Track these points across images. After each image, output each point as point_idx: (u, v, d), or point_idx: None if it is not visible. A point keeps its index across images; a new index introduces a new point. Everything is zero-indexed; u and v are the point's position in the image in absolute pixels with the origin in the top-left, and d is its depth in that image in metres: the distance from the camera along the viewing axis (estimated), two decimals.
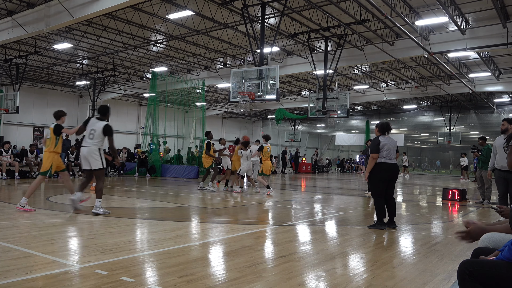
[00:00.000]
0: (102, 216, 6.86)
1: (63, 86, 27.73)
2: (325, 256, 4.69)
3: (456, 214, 9.18)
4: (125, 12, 14.76)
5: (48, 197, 9.40)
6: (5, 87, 24.72)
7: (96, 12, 12.14)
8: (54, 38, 17.59)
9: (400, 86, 26.81)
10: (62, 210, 7.71)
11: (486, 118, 33.67)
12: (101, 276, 3.57)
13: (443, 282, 3.77)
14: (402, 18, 12.84)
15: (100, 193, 7.15)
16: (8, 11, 14.30)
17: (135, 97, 31.94)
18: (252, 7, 13.69)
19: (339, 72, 22.06)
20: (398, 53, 17.10)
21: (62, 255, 4.30)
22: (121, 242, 5.07)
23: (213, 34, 16.85)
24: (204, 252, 4.81)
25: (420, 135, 41.44)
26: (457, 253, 4.97)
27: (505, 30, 14.25)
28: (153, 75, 20.48)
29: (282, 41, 17.93)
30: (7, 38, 14.87)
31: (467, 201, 11.32)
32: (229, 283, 3.57)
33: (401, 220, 7.50)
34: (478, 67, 21.60)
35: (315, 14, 14.60)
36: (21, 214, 6.90)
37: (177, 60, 21.43)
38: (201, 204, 9.47)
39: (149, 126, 19.63)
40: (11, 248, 4.46)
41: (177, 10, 13.89)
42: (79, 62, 21.97)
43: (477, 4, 13.79)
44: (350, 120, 39.07)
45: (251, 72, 12.75)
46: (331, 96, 16.89)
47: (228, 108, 36.31)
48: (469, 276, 2.13)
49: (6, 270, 3.66)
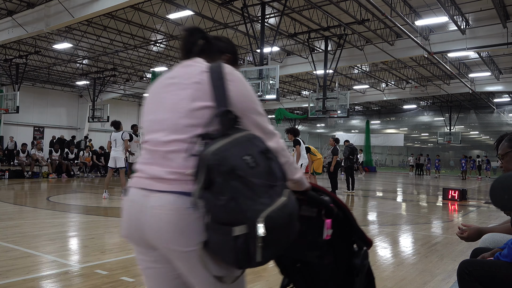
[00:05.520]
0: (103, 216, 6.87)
1: (63, 86, 27.72)
2: None
3: (456, 214, 9.18)
4: (125, 12, 14.75)
5: (48, 197, 9.40)
6: (5, 87, 24.70)
7: (96, 12, 12.14)
8: (54, 38, 17.58)
9: (400, 86, 26.80)
10: (62, 210, 7.71)
11: (486, 118, 33.69)
12: (101, 276, 3.57)
13: (443, 282, 3.77)
14: (402, 18, 12.83)
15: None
16: (8, 11, 14.29)
17: (135, 97, 31.92)
18: (252, 7, 13.68)
19: (339, 72, 22.05)
20: (398, 53, 17.09)
21: (62, 255, 4.30)
22: (121, 242, 5.07)
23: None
24: None
25: (420, 135, 41.44)
26: (457, 253, 4.97)
27: (505, 30, 14.24)
28: (153, 75, 20.44)
29: (282, 41, 17.92)
30: (7, 38, 14.86)
31: (467, 201, 11.33)
32: None
33: (401, 220, 7.50)
34: (478, 67, 21.59)
35: (315, 14, 14.60)
36: (20, 214, 6.91)
37: (177, 60, 21.42)
38: None
39: None
40: (11, 248, 4.46)
41: (177, 10, 13.88)
42: (79, 62, 21.96)
43: (477, 4, 13.78)
44: (350, 120, 39.09)
45: (251, 72, 12.75)
46: (331, 96, 16.88)
47: None
48: (469, 276, 2.13)
49: (6, 270, 3.66)
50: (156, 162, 1.37)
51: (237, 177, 1.17)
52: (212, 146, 1.22)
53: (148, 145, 1.43)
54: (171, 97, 1.41)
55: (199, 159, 1.23)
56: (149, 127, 1.46)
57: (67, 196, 10.04)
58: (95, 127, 27.33)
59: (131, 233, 1.42)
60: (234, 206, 1.17)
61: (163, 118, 1.41)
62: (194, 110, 1.35)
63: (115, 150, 9.42)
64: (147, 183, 1.36)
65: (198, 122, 1.34)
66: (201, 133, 1.30)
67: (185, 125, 1.35)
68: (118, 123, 9.58)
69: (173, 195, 1.30)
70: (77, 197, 10.01)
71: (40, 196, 9.95)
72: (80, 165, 17.30)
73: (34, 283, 3.37)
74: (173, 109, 1.39)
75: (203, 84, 1.37)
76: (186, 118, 1.35)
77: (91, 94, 24.60)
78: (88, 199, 9.51)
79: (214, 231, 1.23)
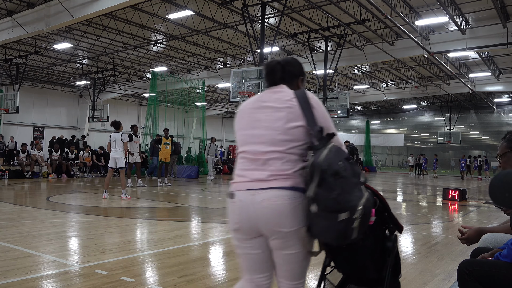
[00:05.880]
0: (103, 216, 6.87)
1: (63, 86, 27.72)
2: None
3: (456, 214, 9.18)
4: (125, 12, 14.75)
5: (48, 197, 9.40)
6: (5, 87, 24.71)
7: (96, 12, 12.14)
8: (54, 38, 17.59)
9: (400, 86, 26.80)
10: (62, 210, 7.71)
11: (486, 118, 33.69)
12: (101, 276, 3.57)
13: (443, 282, 3.77)
14: (402, 18, 12.83)
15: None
16: (8, 11, 14.29)
17: (135, 97, 31.92)
18: (252, 7, 13.69)
19: (339, 72, 22.05)
20: (398, 53, 17.09)
21: (62, 255, 4.30)
22: (121, 242, 5.07)
23: (213, 34, 16.85)
24: (204, 252, 4.81)
25: (420, 135, 41.43)
26: (457, 253, 4.97)
27: (505, 30, 14.25)
28: (153, 75, 20.48)
29: (282, 41, 17.92)
30: (7, 38, 14.86)
31: (467, 201, 11.32)
32: (229, 283, 3.57)
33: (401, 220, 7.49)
34: (478, 67, 21.60)
35: (315, 14, 14.60)
36: (20, 214, 6.91)
37: (177, 60, 21.43)
38: (201, 204, 9.48)
39: (149, 126, 19.63)
40: (11, 248, 4.46)
41: (177, 10, 13.88)
42: (79, 62, 21.97)
43: (477, 4, 13.78)
44: (350, 120, 39.10)
45: (251, 72, 12.75)
46: (331, 96, 16.89)
47: (228, 108, 36.30)
48: (469, 276, 2.13)
49: (6, 270, 3.66)
50: (257, 168, 1.82)
51: (341, 177, 1.63)
52: (321, 156, 1.67)
53: (247, 155, 1.87)
54: (267, 117, 1.86)
55: (313, 165, 1.67)
56: (246, 140, 1.90)
57: (67, 196, 10.04)
58: (95, 127, 27.33)
59: (242, 225, 1.84)
60: (342, 198, 1.61)
61: (261, 134, 1.85)
62: (289, 129, 1.81)
63: (115, 150, 9.42)
64: (252, 184, 1.80)
65: (292, 138, 1.80)
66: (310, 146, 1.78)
67: (281, 140, 1.81)
68: (118, 123, 9.56)
69: (276, 190, 1.75)
70: (77, 197, 10.01)
71: (40, 196, 9.94)
72: (80, 165, 17.30)
73: (34, 283, 3.37)
74: (270, 127, 1.84)
75: (294, 108, 1.83)
76: (282, 135, 1.81)
77: (91, 94, 24.60)
78: (88, 199, 9.51)
79: (322, 218, 1.65)
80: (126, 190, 9.57)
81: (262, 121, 1.86)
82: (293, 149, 1.80)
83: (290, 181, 1.76)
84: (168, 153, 13.86)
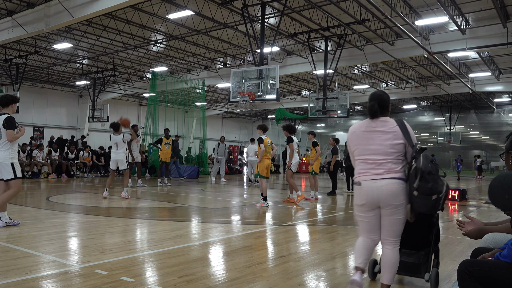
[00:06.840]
0: (102, 216, 6.87)
1: (63, 86, 27.70)
2: (325, 256, 4.70)
3: (456, 214, 9.18)
4: (125, 12, 14.74)
5: (48, 197, 9.40)
6: (5, 87, 24.70)
7: (96, 12, 12.12)
8: (54, 38, 17.57)
9: (400, 86, 26.79)
10: (62, 210, 7.71)
11: (486, 118, 33.65)
12: (101, 276, 3.57)
13: (443, 282, 3.77)
14: (402, 18, 12.82)
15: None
16: (8, 11, 14.28)
17: (135, 97, 31.90)
18: (252, 7, 13.68)
19: (339, 72, 22.04)
20: (398, 53, 17.08)
21: (62, 255, 4.30)
22: (121, 242, 5.08)
23: (213, 34, 16.84)
24: (204, 252, 4.81)
25: (420, 135, 41.40)
26: (457, 253, 4.97)
27: (505, 30, 14.23)
28: (153, 75, 20.46)
29: (282, 41, 17.91)
30: (7, 38, 14.85)
31: (467, 201, 11.32)
32: (229, 283, 3.57)
33: None
34: (478, 67, 21.58)
35: (315, 14, 14.59)
36: (20, 214, 6.90)
37: (177, 60, 21.42)
38: (201, 204, 9.47)
39: (149, 126, 19.63)
40: (11, 248, 4.46)
41: (177, 10, 13.87)
42: (79, 62, 21.95)
43: (477, 4, 13.77)
44: (350, 120, 38.97)
45: (251, 72, 12.74)
46: (331, 96, 16.88)
47: (228, 108, 36.28)
48: (469, 276, 2.13)
49: (6, 270, 3.66)
50: (374, 168, 3.05)
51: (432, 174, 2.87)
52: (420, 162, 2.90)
53: (366, 160, 3.11)
54: (379, 137, 3.09)
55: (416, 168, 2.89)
56: (365, 152, 3.13)
57: (67, 196, 10.04)
58: (95, 127, 27.32)
59: (368, 201, 3.05)
60: (434, 187, 2.86)
61: (375, 148, 3.07)
62: (395, 145, 3.04)
63: (116, 152, 9.37)
64: (373, 176, 3.03)
65: (397, 150, 3.05)
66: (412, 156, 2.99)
67: (390, 152, 3.04)
68: (118, 125, 9.49)
69: (389, 179, 2.99)
70: (77, 197, 10.01)
71: (40, 196, 9.94)
72: (80, 165, 17.30)
73: (34, 283, 3.37)
74: (382, 144, 3.06)
75: (397, 132, 3.06)
76: (391, 148, 3.04)
77: (91, 94, 24.59)
78: (88, 199, 9.51)
79: (420, 199, 2.89)
80: (127, 189, 9.58)
81: (375, 140, 3.07)
82: (397, 156, 3.03)
83: (398, 174, 3.00)
84: (169, 153, 13.89)
